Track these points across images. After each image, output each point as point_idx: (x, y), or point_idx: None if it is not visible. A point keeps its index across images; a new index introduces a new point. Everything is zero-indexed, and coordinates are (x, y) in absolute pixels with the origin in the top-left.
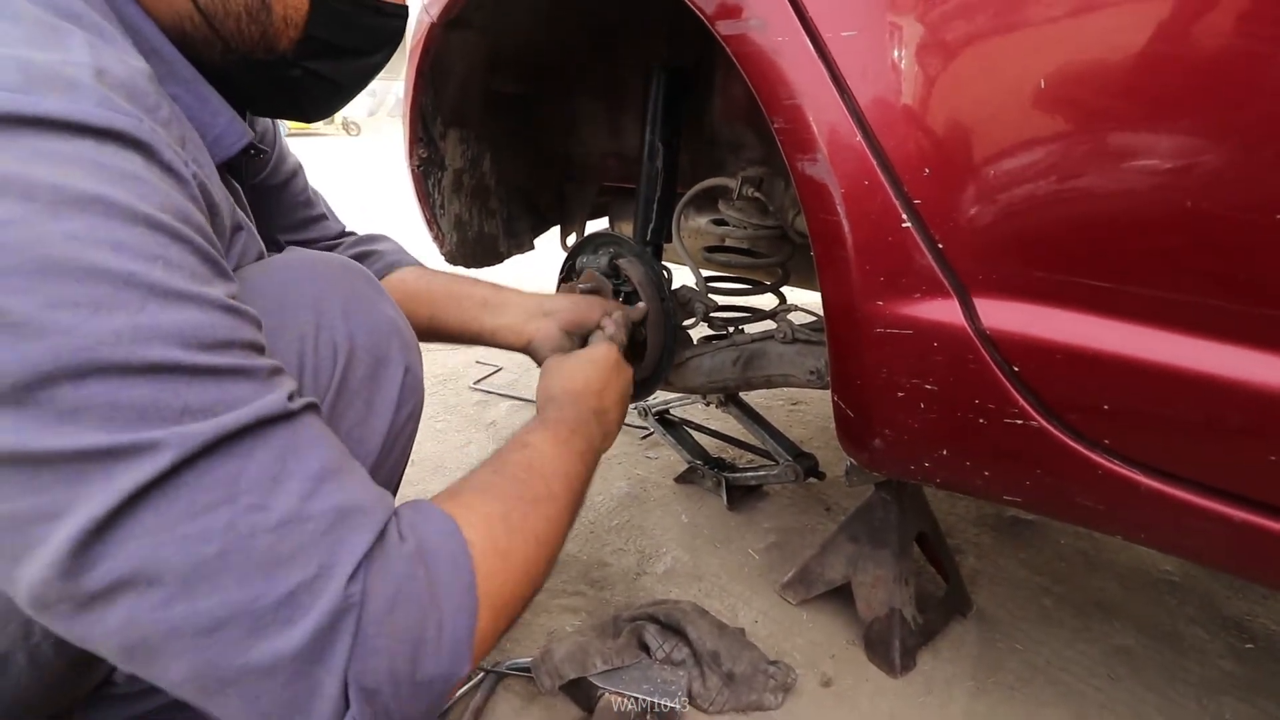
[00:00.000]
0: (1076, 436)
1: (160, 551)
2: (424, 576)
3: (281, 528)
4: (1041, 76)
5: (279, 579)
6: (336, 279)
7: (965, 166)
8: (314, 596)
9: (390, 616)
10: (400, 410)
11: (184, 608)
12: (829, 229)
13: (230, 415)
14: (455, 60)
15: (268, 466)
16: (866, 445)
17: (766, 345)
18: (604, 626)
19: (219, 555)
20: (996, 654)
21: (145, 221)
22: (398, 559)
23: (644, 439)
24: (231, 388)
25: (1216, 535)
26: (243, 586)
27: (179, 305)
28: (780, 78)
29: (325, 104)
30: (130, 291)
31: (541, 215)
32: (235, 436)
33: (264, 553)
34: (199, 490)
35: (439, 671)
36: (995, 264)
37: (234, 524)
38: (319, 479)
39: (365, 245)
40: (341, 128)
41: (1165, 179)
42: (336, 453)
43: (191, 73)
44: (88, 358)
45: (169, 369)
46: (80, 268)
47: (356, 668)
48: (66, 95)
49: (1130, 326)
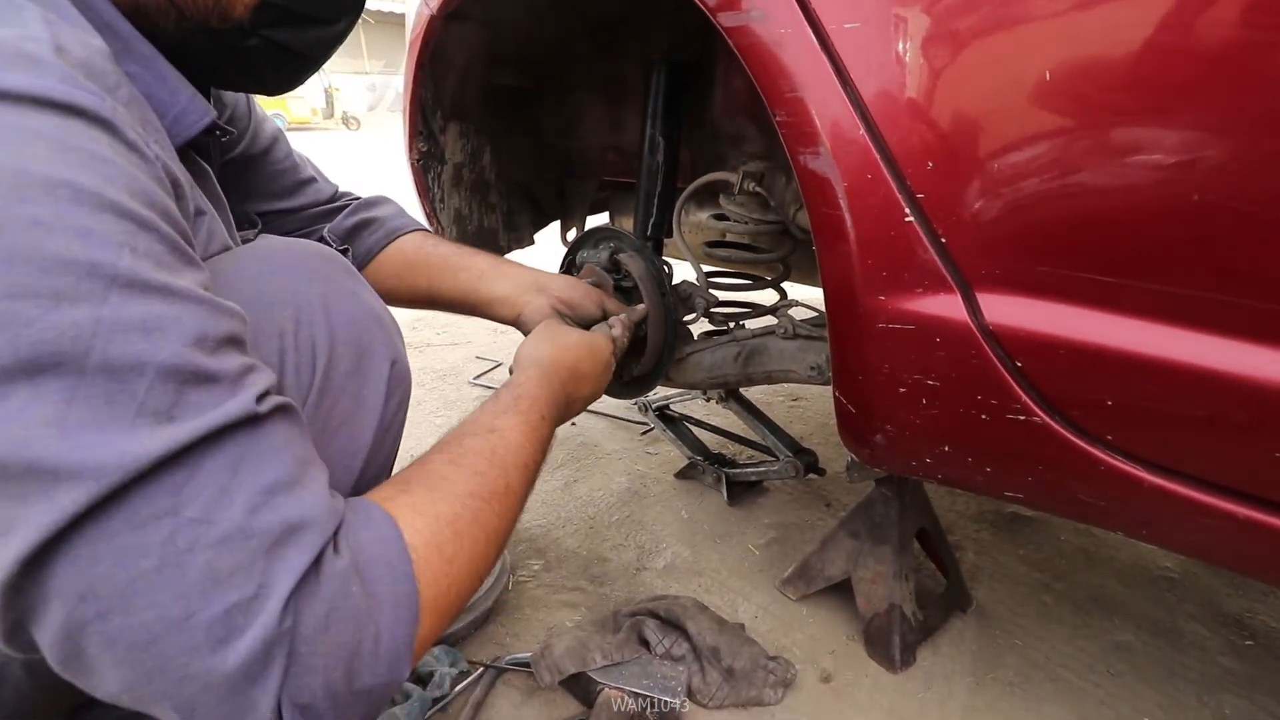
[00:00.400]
0: (1079, 432)
1: (98, 567)
2: (359, 591)
3: (222, 544)
4: (1046, 69)
5: (215, 597)
6: (313, 271)
7: (969, 160)
8: (249, 617)
9: (325, 635)
10: (389, 402)
11: (120, 622)
12: (831, 223)
13: (189, 423)
14: (455, 53)
15: (218, 477)
16: (868, 441)
17: (767, 341)
18: (604, 622)
19: (155, 570)
20: (996, 650)
21: (112, 208)
22: (333, 577)
23: (644, 435)
24: (193, 390)
25: (1219, 531)
26: (178, 603)
27: (144, 298)
28: (782, 70)
29: (287, 76)
30: (93, 282)
31: (541, 210)
32: (190, 448)
33: (201, 569)
34: (141, 504)
35: (376, 681)
36: (999, 258)
37: (173, 538)
38: (269, 491)
39: (365, 212)
40: (341, 122)
41: (1171, 173)
42: (294, 459)
43: (149, 49)
44: (46, 351)
45: (129, 368)
46: (43, 256)
47: (291, 686)
48: (28, 71)
49: (1135, 322)
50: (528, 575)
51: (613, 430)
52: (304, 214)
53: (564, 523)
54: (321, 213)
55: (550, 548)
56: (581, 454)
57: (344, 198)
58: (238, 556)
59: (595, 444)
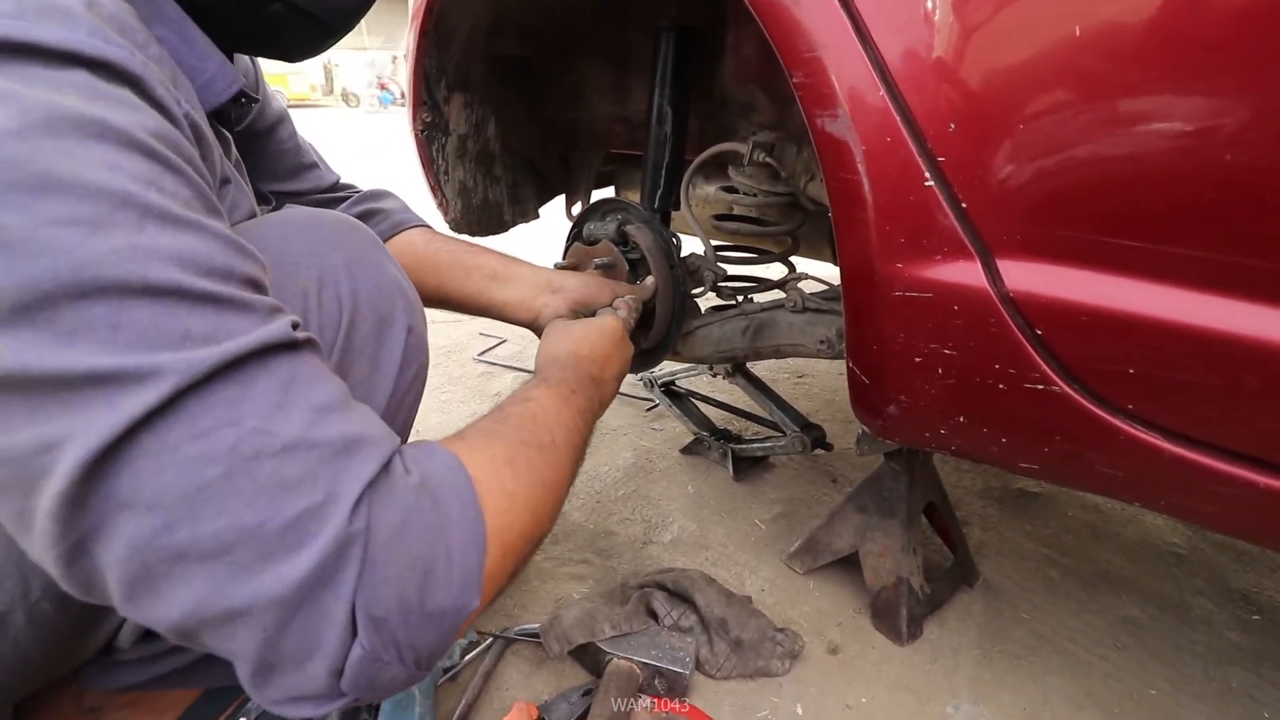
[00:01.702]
0: (1099, 401)
1: (163, 475)
2: (430, 508)
3: (286, 452)
4: (1077, 26)
5: (285, 503)
6: (340, 236)
7: (994, 122)
8: (321, 522)
9: (399, 544)
10: (405, 371)
11: (188, 532)
12: (849, 189)
13: (233, 342)
14: (458, 20)
15: (271, 393)
16: (881, 412)
17: (776, 314)
18: (612, 593)
19: (223, 477)
20: (1002, 623)
21: (140, 147)
22: (404, 489)
23: (649, 410)
24: (232, 316)
25: (1240, 501)
26: (249, 510)
27: (177, 229)
28: (800, 29)
29: (308, 43)
30: (128, 211)
31: (546, 183)
32: (238, 363)
33: (269, 476)
34: (201, 414)
35: (449, 603)
36: (1021, 223)
37: (238, 446)
38: (322, 410)
39: (369, 203)
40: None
41: (1202, 134)
42: (339, 389)
43: (177, 12)
44: (88, 276)
45: (170, 292)
46: (79, 185)
47: (365, 595)
48: (60, 23)
49: (1160, 288)
50: None
51: (618, 406)
52: (306, 199)
53: (570, 497)
54: (323, 201)
55: (557, 521)
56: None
57: (346, 188)
58: (304, 464)
59: (601, 420)
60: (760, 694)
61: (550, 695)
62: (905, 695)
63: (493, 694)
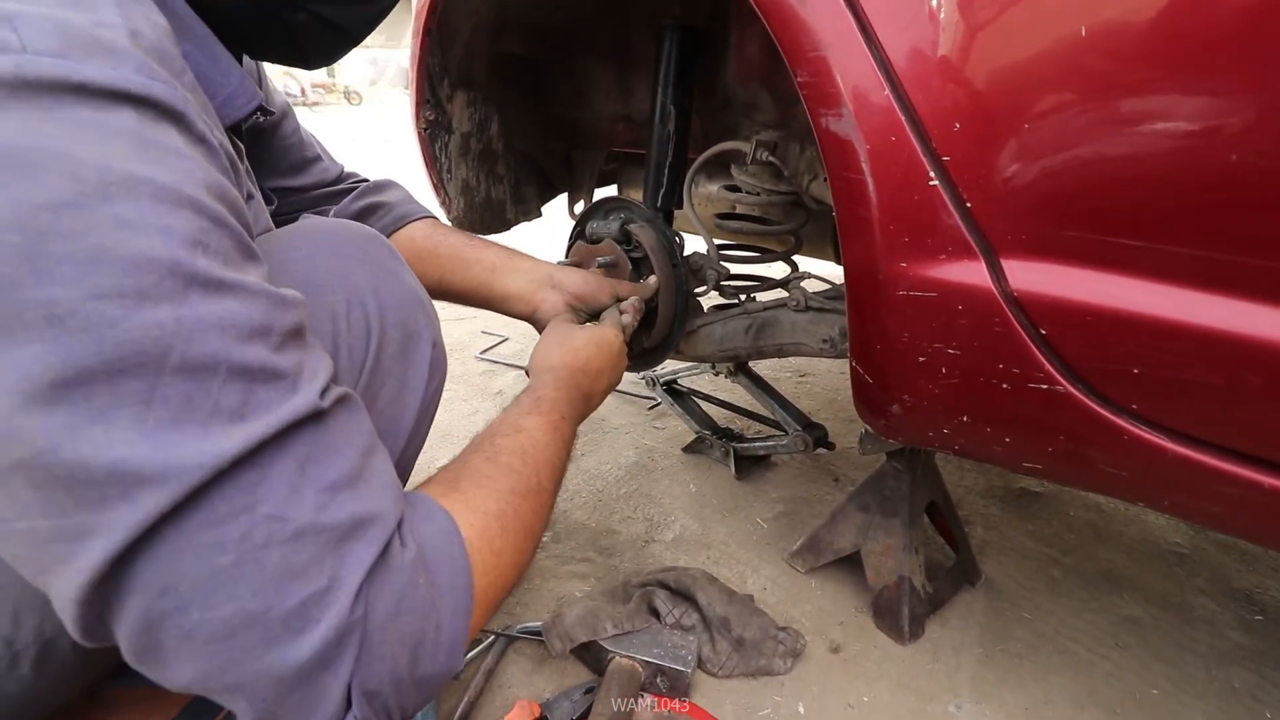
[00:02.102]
0: (1103, 401)
1: (179, 563)
2: (424, 583)
3: (296, 539)
4: (1083, 25)
5: (292, 590)
6: (362, 253)
7: (999, 121)
8: (323, 609)
9: (393, 624)
10: (430, 384)
11: (197, 616)
12: (853, 188)
13: (259, 422)
14: (461, 18)
15: (287, 476)
16: (884, 412)
17: (779, 313)
18: (614, 592)
19: (234, 565)
20: (1004, 623)
21: (190, 204)
22: (400, 569)
23: (651, 409)
24: (262, 387)
25: (1244, 502)
26: (256, 597)
27: (220, 294)
28: (805, 28)
29: (328, 50)
30: (173, 280)
31: (549, 181)
32: (259, 448)
33: (278, 563)
34: (219, 502)
35: (436, 670)
36: (1025, 223)
37: (250, 534)
38: (334, 488)
39: (372, 196)
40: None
41: (1207, 133)
42: (356, 454)
43: (204, 29)
44: (130, 351)
45: (205, 367)
46: (128, 256)
47: (360, 675)
48: (107, 61)
49: (1165, 288)
50: None
51: (620, 404)
52: (310, 194)
53: (572, 495)
54: (328, 194)
55: (559, 520)
56: (589, 428)
57: (350, 179)
58: (310, 551)
59: (602, 418)
60: (762, 693)
61: (552, 693)
62: (907, 694)
63: (495, 692)
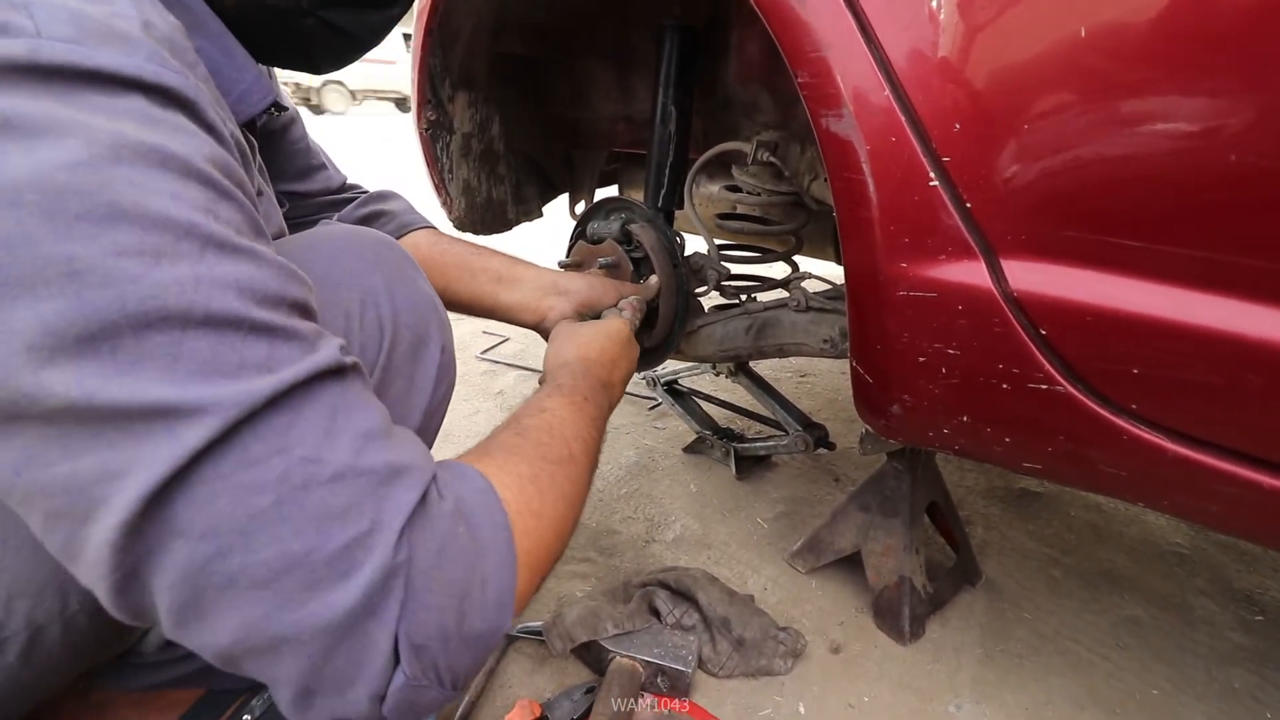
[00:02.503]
0: (1103, 402)
1: (217, 504)
2: (465, 534)
3: (334, 480)
4: (1082, 26)
5: (334, 532)
6: (379, 256)
7: (999, 121)
8: (367, 551)
9: (438, 571)
10: (438, 388)
11: (239, 560)
12: (852, 188)
13: (286, 371)
14: (463, 19)
15: (319, 421)
16: (884, 412)
17: (780, 314)
18: (615, 592)
19: (274, 506)
20: (1005, 623)
21: (197, 175)
22: (440, 516)
23: (652, 409)
24: (283, 344)
25: (1244, 502)
26: (298, 538)
27: (235, 258)
28: (805, 29)
29: (336, 56)
30: (190, 241)
31: (550, 182)
32: (290, 391)
33: (318, 505)
34: (254, 443)
35: (485, 626)
36: (1025, 223)
37: (288, 475)
38: (367, 436)
39: (375, 204)
40: None
41: (1208, 133)
42: (381, 414)
43: (219, 25)
44: (153, 306)
45: (228, 322)
46: (144, 215)
47: (407, 623)
48: (119, 49)
49: (1165, 288)
50: None
51: (621, 405)
52: (314, 200)
53: None
54: (330, 201)
55: None
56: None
57: (353, 189)
58: (350, 493)
59: None
60: (763, 693)
61: (553, 693)
62: (908, 694)
63: (495, 692)
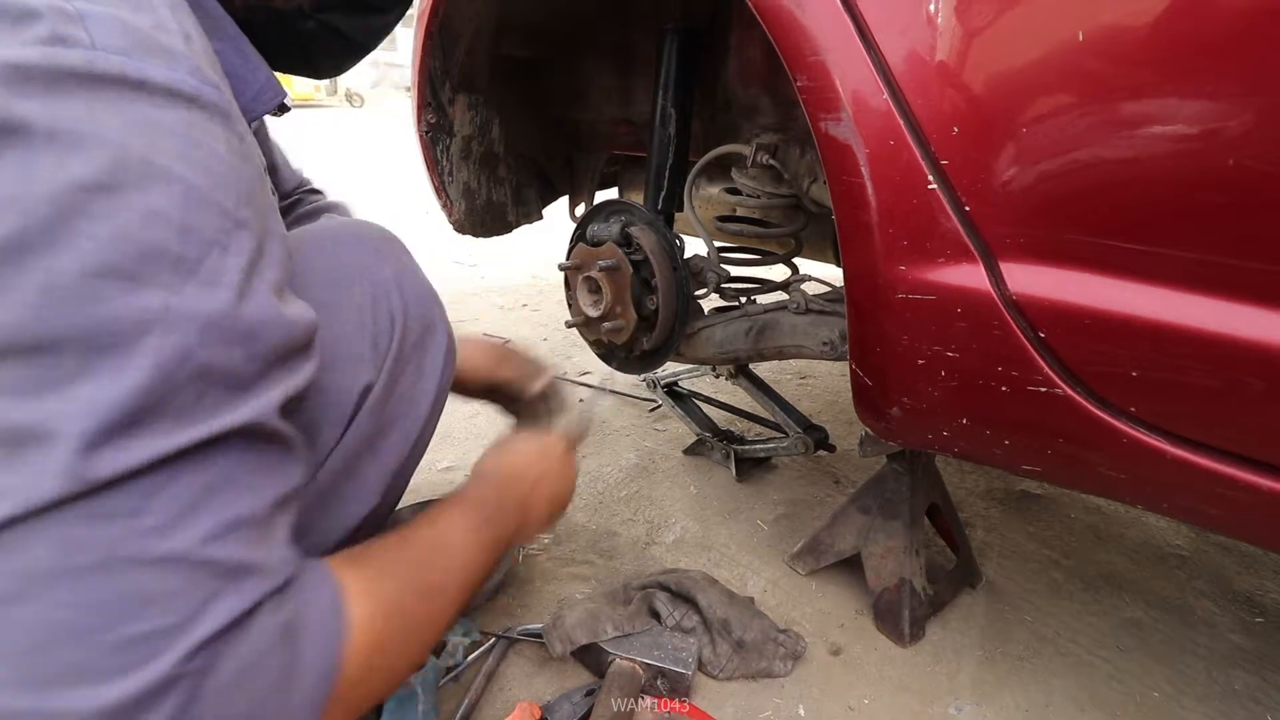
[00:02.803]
0: (1102, 404)
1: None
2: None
3: (162, 564)
4: (1080, 30)
5: (131, 620)
6: (385, 250)
7: (997, 125)
8: (156, 653)
9: (234, 691)
10: (444, 374)
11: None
12: (852, 191)
13: (192, 430)
14: (463, 22)
15: (191, 491)
16: (884, 414)
17: (779, 316)
18: (615, 594)
19: (90, 569)
20: (1005, 625)
21: (217, 208)
22: (260, 633)
23: (652, 411)
24: (213, 391)
25: (1243, 504)
26: (93, 611)
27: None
28: (804, 33)
29: (336, 60)
30: (175, 275)
31: (550, 184)
32: (182, 453)
33: (131, 584)
34: (110, 499)
35: None
36: (1023, 227)
37: (120, 544)
38: (232, 525)
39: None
40: (345, 99)
41: (1205, 137)
42: (273, 498)
43: (235, 29)
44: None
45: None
46: (143, 241)
47: None
48: (165, 62)
49: (1163, 291)
50: (538, 548)
51: (621, 407)
52: None
53: (574, 497)
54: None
55: (559, 522)
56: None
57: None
58: (173, 582)
59: (603, 420)
60: (762, 695)
61: (553, 695)
62: (908, 696)
63: (495, 694)
